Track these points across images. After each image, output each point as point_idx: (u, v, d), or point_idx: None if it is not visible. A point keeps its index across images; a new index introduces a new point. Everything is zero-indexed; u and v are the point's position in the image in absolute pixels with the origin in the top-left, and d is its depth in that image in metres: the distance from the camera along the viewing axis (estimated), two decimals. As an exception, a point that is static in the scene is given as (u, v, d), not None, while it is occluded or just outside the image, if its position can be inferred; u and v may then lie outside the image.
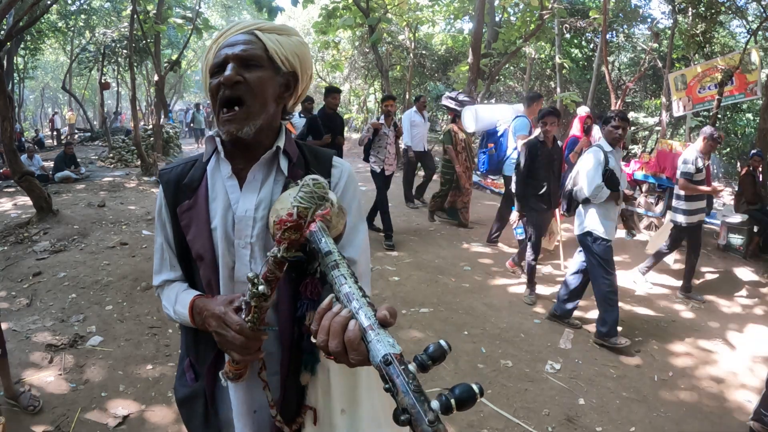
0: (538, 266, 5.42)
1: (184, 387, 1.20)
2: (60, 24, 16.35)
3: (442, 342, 0.65)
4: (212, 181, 1.11)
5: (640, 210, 7.21)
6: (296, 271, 1.01)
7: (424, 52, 17.63)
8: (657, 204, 7.04)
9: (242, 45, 1.02)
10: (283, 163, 1.09)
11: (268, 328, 0.98)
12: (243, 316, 0.93)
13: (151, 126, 14.06)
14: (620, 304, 4.53)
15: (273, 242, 0.89)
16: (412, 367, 0.63)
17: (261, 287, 0.87)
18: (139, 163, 11.15)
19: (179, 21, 11.59)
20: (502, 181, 6.27)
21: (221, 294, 1.07)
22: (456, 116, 6.68)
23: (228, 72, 0.99)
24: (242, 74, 1.01)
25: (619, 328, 4.05)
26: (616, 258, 5.96)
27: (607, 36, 10.93)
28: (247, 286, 0.89)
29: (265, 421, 1.12)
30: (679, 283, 5.21)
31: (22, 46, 14.80)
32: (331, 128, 5.78)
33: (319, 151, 1.19)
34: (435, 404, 0.59)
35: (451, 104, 6.86)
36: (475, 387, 0.61)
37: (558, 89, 13.84)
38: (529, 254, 4.48)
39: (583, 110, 7.60)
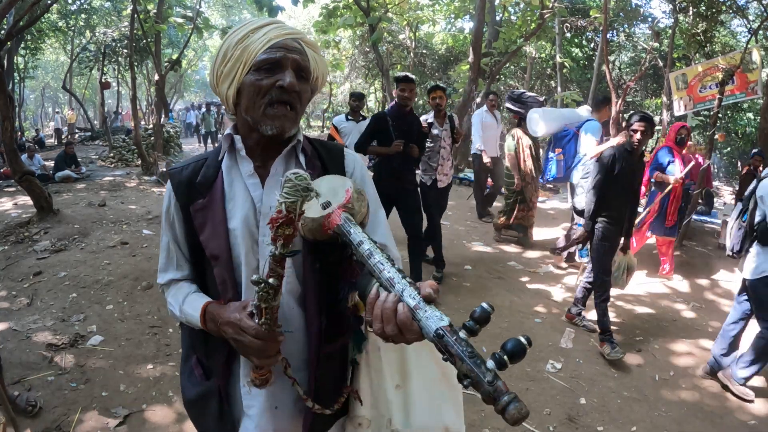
0: (541, 266, 5.43)
1: (195, 386, 1.19)
2: (60, 23, 16.36)
3: (485, 305, 0.71)
4: (228, 179, 1.10)
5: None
6: (321, 262, 1.04)
7: (424, 51, 17.65)
8: (658, 203, 7.03)
9: (299, 54, 1.04)
10: (301, 157, 1.12)
11: (284, 330, 0.99)
12: (256, 320, 0.94)
13: (151, 125, 14.06)
14: (620, 303, 4.55)
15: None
16: (463, 334, 0.68)
17: (272, 280, 0.88)
18: (139, 162, 11.15)
19: (180, 20, 11.58)
20: (569, 191, 5.50)
21: (242, 293, 1.08)
22: (521, 119, 5.80)
23: (291, 79, 1.01)
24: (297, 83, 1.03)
25: (622, 329, 4.06)
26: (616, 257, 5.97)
27: (608, 35, 10.90)
28: (254, 290, 0.90)
29: (286, 418, 1.13)
30: (682, 282, 5.21)
31: (22, 45, 14.81)
32: (406, 132, 4.12)
33: (329, 145, 1.21)
34: (490, 364, 0.64)
35: (514, 106, 5.92)
36: (523, 339, 0.67)
37: (558, 88, 13.83)
38: (596, 295, 3.67)
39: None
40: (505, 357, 0.64)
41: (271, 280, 0.88)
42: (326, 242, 0.93)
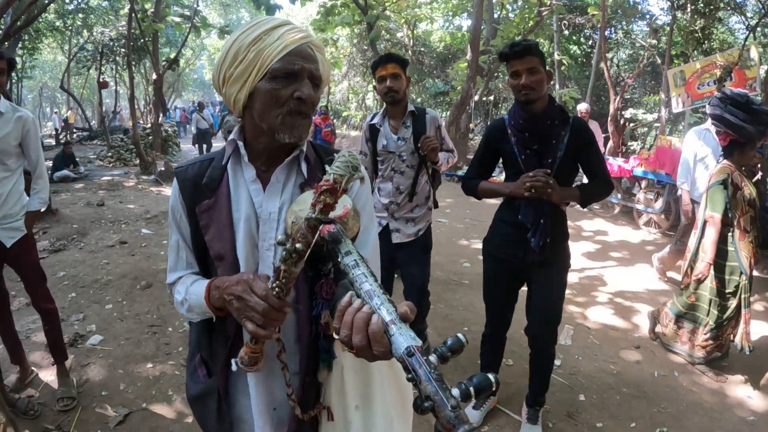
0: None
1: (197, 384, 1.20)
2: (58, 23, 16.33)
3: (460, 336, 0.70)
4: (234, 182, 1.11)
5: (640, 206, 7.22)
6: (313, 271, 1.03)
7: (422, 49, 17.64)
8: (656, 200, 7.06)
9: (313, 62, 1.03)
10: (303, 167, 1.11)
11: (292, 305, 0.99)
12: (270, 283, 0.92)
13: (149, 125, 14.05)
14: (619, 300, 4.56)
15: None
16: (432, 358, 0.68)
17: (298, 245, 0.85)
18: (137, 162, 11.15)
19: (177, 19, 11.59)
20: None
21: None
22: (742, 144, 3.08)
23: (309, 91, 1.01)
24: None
25: (621, 326, 4.07)
26: (615, 254, 5.98)
27: (606, 32, 10.91)
28: (278, 250, 0.90)
29: (284, 418, 1.13)
30: (680, 278, 5.21)
31: (20, 45, 14.76)
32: (537, 153, 2.25)
33: (333, 153, 1.20)
34: (455, 392, 0.63)
35: (718, 112, 3.08)
36: (491, 377, 0.66)
37: (557, 86, 13.84)
38: None
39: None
40: (471, 389, 0.64)
41: (298, 245, 0.85)
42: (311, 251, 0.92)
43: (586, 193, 2.32)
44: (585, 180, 2.45)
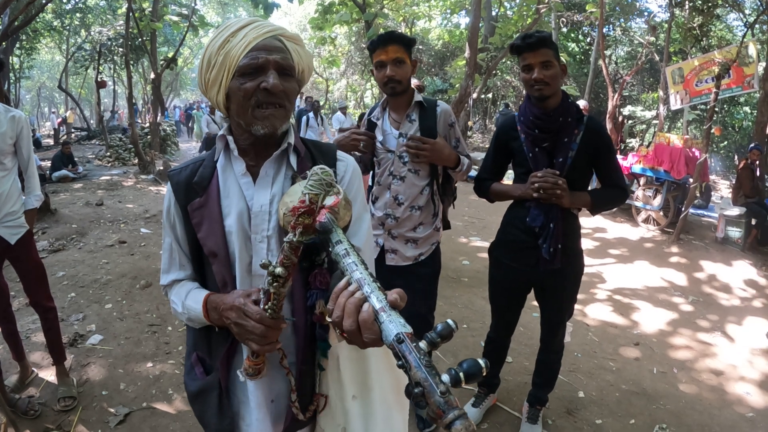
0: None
1: (195, 381, 1.21)
2: (55, 23, 16.31)
3: (450, 321, 0.70)
4: (224, 178, 1.13)
5: (638, 203, 7.23)
6: (307, 261, 1.06)
7: (420, 47, 17.64)
8: (655, 197, 7.07)
9: (279, 53, 1.05)
10: (292, 159, 1.13)
11: (286, 318, 1.02)
12: (262, 305, 0.96)
13: (147, 124, 14.04)
14: (618, 297, 4.57)
15: (285, 234, 0.92)
16: (422, 344, 0.68)
17: (278, 269, 0.89)
18: (136, 161, 11.14)
19: (175, 18, 11.57)
20: None
21: (238, 289, 1.10)
22: None
23: (274, 80, 1.02)
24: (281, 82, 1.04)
25: (620, 323, 4.08)
26: (613, 251, 6.00)
27: (604, 30, 10.91)
28: (265, 274, 0.93)
29: (282, 411, 1.15)
30: (680, 275, 5.23)
31: (17, 45, 14.76)
32: (550, 153, 2.11)
33: (323, 146, 1.23)
34: (445, 377, 0.64)
35: None
36: (481, 362, 0.66)
37: (555, 84, 13.84)
38: None
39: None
40: (461, 375, 0.64)
41: (278, 270, 0.89)
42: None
43: (598, 200, 2.18)
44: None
